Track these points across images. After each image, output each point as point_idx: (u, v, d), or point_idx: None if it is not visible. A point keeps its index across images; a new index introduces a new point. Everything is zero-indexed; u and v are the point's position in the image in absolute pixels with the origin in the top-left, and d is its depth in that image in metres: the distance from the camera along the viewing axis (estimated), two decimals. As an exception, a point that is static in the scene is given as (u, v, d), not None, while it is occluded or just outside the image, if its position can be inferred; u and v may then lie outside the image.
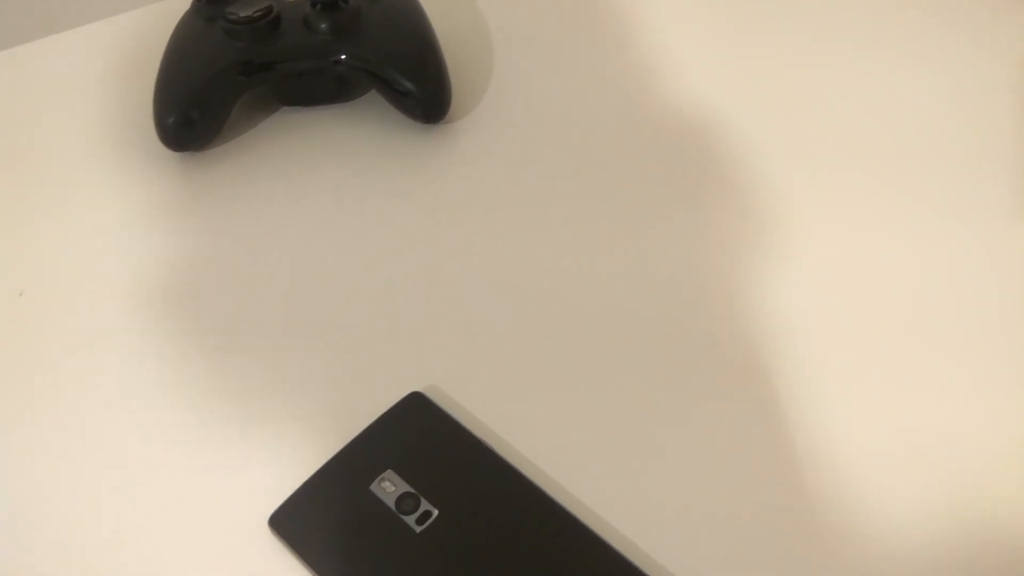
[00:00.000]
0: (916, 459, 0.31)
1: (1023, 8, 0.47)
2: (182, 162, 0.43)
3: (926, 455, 0.31)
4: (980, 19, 0.46)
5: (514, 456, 0.32)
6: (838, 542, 0.29)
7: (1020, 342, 0.34)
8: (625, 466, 0.31)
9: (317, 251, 0.39)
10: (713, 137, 0.42)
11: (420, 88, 0.42)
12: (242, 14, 0.41)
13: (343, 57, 0.42)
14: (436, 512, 0.29)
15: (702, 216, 0.39)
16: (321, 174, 0.42)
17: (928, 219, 0.38)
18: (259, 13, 0.41)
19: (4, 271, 0.39)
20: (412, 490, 0.30)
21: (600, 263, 0.38)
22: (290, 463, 0.32)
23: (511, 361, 0.35)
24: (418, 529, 0.29)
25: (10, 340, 0.37)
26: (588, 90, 0.45)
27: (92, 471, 0.32)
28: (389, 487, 0.30)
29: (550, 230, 0.39)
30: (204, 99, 0.41)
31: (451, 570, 0.28)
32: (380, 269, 0.38)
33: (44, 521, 0.31)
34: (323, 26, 0.41)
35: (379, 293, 0.37)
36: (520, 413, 0.33)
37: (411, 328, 0.36)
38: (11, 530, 0.31)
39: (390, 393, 0.33)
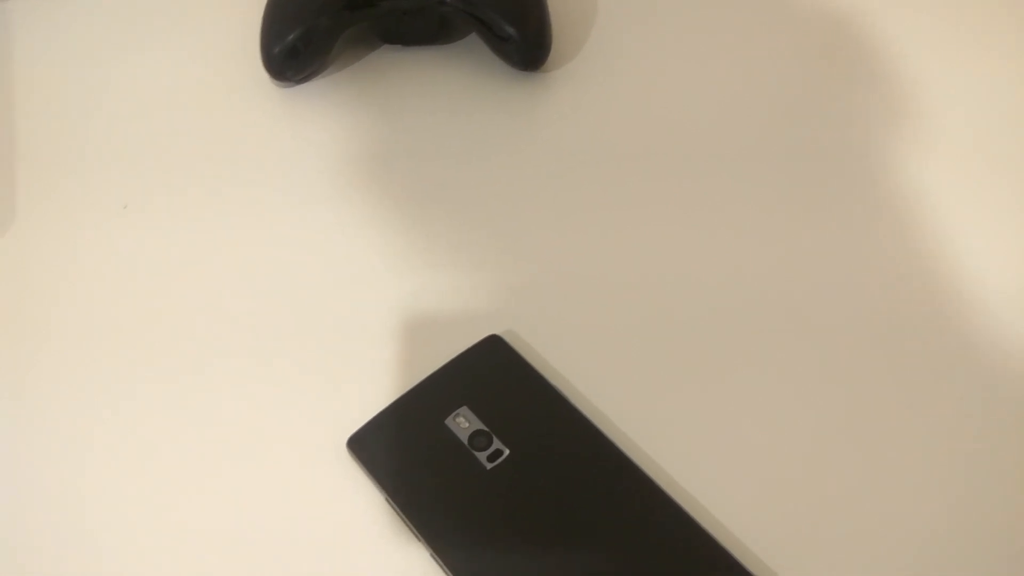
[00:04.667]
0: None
1: None
2: (284, 92, 0.44)
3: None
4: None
5: (584, 405, 0.32)
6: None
7: None
8: (696, 422, 0.32)
9: (407, 189, 0.40)
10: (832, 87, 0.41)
11: (521, 34, 0.42)
12: (352, -51, 0.41)
13: (448, -2, 0.42)
14: (507, 452, 0.30)
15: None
16: (416, 113, 0.43)
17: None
18: (369, -52, 0.41)
19: (111, 188, 0.41)
20: (485, 428, 0.31)
21: (688, 223, 0.37)
22: (371, 390, 0.33)
23: (587, 313, 0.35)
24: (489, 466, 0.30)
25: (113, 248, 0.39)
26: (692, 44, 0.44)
27: (197, 380, 0.34)
28: (463, 423, 0.31)
29: (641, 185, 0.39)
30: (309, 31, 0.42)
31: (518, 508, 0.29)
32: (468, 212, 0.39)
33: (139, 418, 0.33)
34: (430, -35, 0.41)
35: (465, 235, 0.38)
36: (593, 364, 0.33)
37: (492, 272, 0.36)
38: (114, 420, 0.33)
39: (469, 334, 0.34)
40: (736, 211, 0.38)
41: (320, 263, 0.37)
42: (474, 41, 0.45)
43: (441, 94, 0.43)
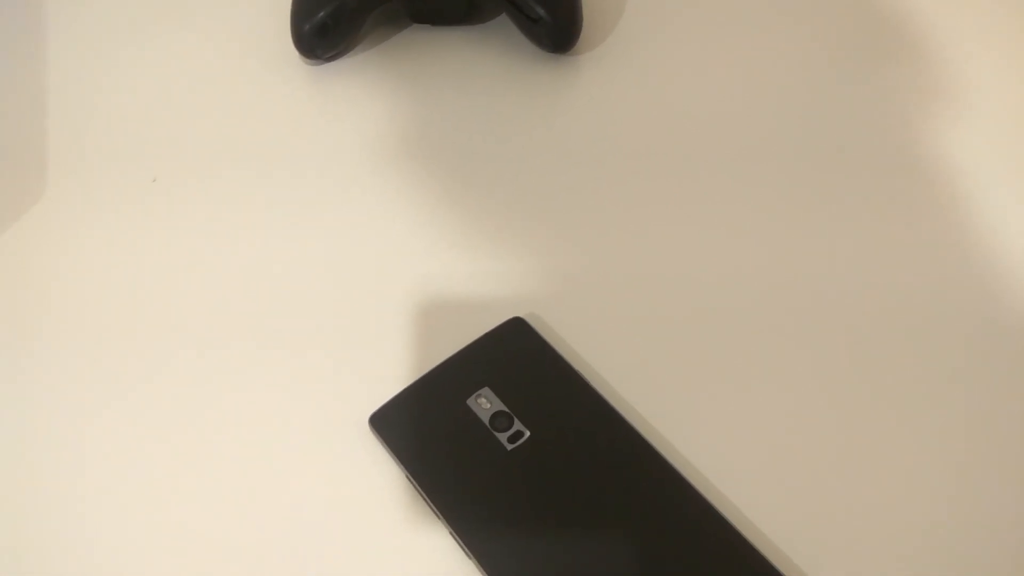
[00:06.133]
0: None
1: None
2: (313, 70, 0.44)
3: None
4: None
5: (605, 389, 0.32)
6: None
7: None
8: (715, 410, 0.32)
9: (433, 169, 0.40)
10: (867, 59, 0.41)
11: (552, 16, 0.41)
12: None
13: (478, -22, 0.42)
14: (528, 433, 0.30)
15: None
16: (444, 94, 0.42)
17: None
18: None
19: (140, 163, 0.41)
20: (507, 409, 0.31)
21: (715, 213, 0.37)
22: (394, 369, 0.33)
23: (611, 298, 0.35)
24: (509, 447, 0.30)
25: (143, 220, 0.39)
26: (725, 30, 0.44)
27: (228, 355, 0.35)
28: (485, 404, 0.31)
29: (670, 172, 0.39)
30: (340, 8, 0.42)
31: (537, 490, 0.29)
32: (495, 194, 0.39)
33: (164, 386, 0.34)
34: (462, -55, 0.41)
35: (491, 216, 0.38)
36: (615, 349, 0.33)
37: (517, 254, 0.36)
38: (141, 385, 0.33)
39: (493, 316, 0.34)
40: (762, 202, 0.37)
41: (345, 241, 0.37)
42: (504, 22, 0.45)
43: (470, 75, 0.43)
